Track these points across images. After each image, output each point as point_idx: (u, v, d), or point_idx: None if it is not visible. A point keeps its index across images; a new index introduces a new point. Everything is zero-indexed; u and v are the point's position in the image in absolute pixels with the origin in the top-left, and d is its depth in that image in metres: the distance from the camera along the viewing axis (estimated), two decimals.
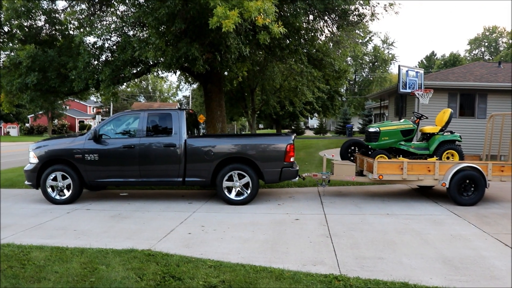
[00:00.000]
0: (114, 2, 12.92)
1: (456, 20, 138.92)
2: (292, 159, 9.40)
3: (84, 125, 74.47)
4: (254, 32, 10.49)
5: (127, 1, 12.34)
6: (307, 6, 11.55)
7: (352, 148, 11.23)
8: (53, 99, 15.00)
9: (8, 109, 15.16)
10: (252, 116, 31.01)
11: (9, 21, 12.12)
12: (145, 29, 12.01)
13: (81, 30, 12.58)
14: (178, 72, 20.26)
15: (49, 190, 9.50)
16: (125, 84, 15.69)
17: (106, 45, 12.89)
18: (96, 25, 12.31)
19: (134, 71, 13.36)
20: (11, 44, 13.15)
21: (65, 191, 9.53)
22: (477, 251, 6.01)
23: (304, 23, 13.10)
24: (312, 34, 14.03)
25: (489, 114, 11.38)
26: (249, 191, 9.29)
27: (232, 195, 9.32)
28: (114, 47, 12.89)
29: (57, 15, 13.70)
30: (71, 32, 13.92)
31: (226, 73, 16.81)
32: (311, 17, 13.51)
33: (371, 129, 10.19)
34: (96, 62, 12.60)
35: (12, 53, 12.67)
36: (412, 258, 5.71)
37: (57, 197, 9.51)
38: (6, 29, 13.48)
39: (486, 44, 79.46)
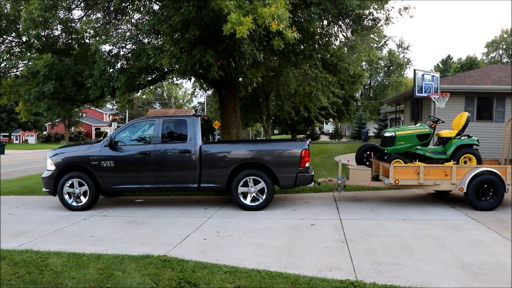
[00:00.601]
0: (129, 11, 13.06)
1: (473, 22, 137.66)
2: (307, 165, 9.37)
3: (100, 132, 75.27)
4: (268, 38, 10.51)
5: (141, 9, 12.49)
6: (321, 11, 11.53)
7: (368, 153, 11.15)
8: (70, 107, 15.18)
9: (26, 118, 15.44)
10: (267, 121, 31.04)
11: (27, 31, 12.32)
12: (159, 36, 12.11)
13: (97, 38, 12.76)
14: (193, 79, 20.38)
15: (66, 196, 9.60)
16: (140, 91, 15.85)
17: (121, 53, 13.04)
18: (111, 33, 12.46)
19: (149, 78, 13.48)
20: (28, 54, 13.36)
21: (82, 197, 9.62)
22: (496, 256, 5.91)
23: (318, 28, 13.08)
24: (326, 39, 14.00)
25: (508, 118, 11.20)
26: (264, 197, 9.27)
27: (247, 201, 9.31)
28: (129, 54, 13.03)
29: (73, 24, 13.89)
30: (87, 40, 14.12)
31: (240, 79, 16.86)
32: (325, 22, 13.48)
33: (387, 134, 10.11)
34: (111, 70, 12.74)
35: (29, 62, 12.87)
36: (429, 263, 5.64)
37: (74, 203, 9.61)
38: (24, 39, 13.72)
39: (504, 46, 78.40)
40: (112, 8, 12.90)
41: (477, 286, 4.84)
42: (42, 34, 13.00)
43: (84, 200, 9.61)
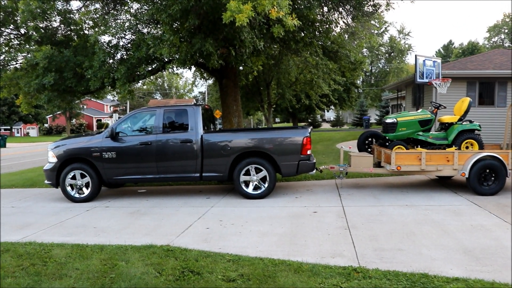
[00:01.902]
0: (128, 1, 12.98)
1: (474, 7, 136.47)
2: (309, 152, 9.37)
3: (102, 124, 75.31)
4: (268, 25, 10.43)
5: None
6: None
7: (369, 139, 11.13)
8: (70, 99, 15.18)
9: (27, 110, 15.43)
10: (268, 110, 30.98)
11: (25, 23, 12.27)
12: (159, 26, 12.05)
13: (96, 29, 12.71)
14: (193, 68, 20.29)
15: (69, 188, 9.62)
16: (140, 81, 15.79)
17: (121, 43, 12.99)
18: (110, 24, 12.40)
19: (149, 69, 13.43)
20: (27, 46, 13.32)
21: (84, 189, 9.64)
22: (499, 241, 5.91)
23: (318, 15, 12.98)
24: (327, 26, 13.90)
25: (510, 103, 11.16)
26: (266, 185, 9.28)
27: (250, 189, 9.32)
28: (129, 45, 12.97)
29: (71, 15, 13.83)
30: (86, 31, 14.06)
31: (241, 67, 16.80)
32: (325, 8, 13.38)
33: (388, 120, 10.08)
34: (111, 61, 12.69)
35: (29, 54, 12.84)
36: (432, 249, 5.65)
37: (76, 195, 9.64)
38: (22, 31, 13.68)
39: (506, 31, 77.84)
40: None
41: (479, 270, 4.85)
42: (41, 25, 12.95)
43: (86, 191, 9.64)
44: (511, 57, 19.64)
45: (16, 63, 14.24)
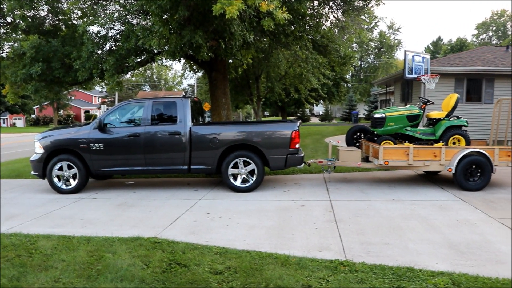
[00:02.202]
0: None
1: (463, 4, 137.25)
2: (297, 146, 9.39)
3: (90, 115, 74.71)
4: (258, 18, 10.40)
5: None
6: None
7: (358, 134, 11.18)
8: (58, 89, 14.99)
9: (13, 100, 15.23)
10: (258, 103, 30.93)
11: (12, 11, 12.08)
12: (148, 17, 11.94)
13: (85, 19, 12.56)
14: (183, 60, 20.19)
15: (55, 180, 9.54)
16: (129, 73, 15.69)
17: (110, 34, 12.85)
18: (99, 14, 12.28)
19: (138, 60, 13.34)
20: (14, 35, 13.14)
21: (71, 180, 9.57)
22: (483, 236, 5.99)
23: (308, 9, 12.97)
24: (317, 20, 13.91)
25: (496, 99, 11.28)
26: (254, 178, 9.29)
27: (238, 182, 9.32)
28: (118, 36, 12.85)
29: (60, 4, 13.64)
30: (74, 21, 13.89)
31: (230, 60, 16.75)
32: (315, 2, 13.39)
33: (377, 115, 10.13)
34: (100, 52, 12.57)
35: (15, 44, 12.68)
36: (418, 243, 5.70)
37: (63, 186, 9.56)
38: (9, 19, 13.47)
39: (494, 28, 78.49)
40: None
41: (463, 264, 4.91)
42: (28, 14, 12.77)
43: (73, 183, 9.56)
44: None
45: (2, 52, 14.04)
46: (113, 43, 12.97)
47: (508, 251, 5.36)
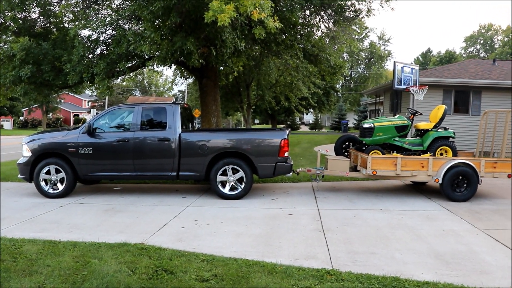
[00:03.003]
0: None
1: (453, 17, 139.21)
2: (286, 154, 9.41)
3: (79, 119, 74.19)
4: (250, 26, 10.46)
5: None
6: (303, 1, 11.52)
7: (347, 143, 11.24)
8: (47, 92, 14.92)
9: (2, 102, 15.13)
10: (248, 111, 30.99)
11: (3, 12, 12.02)
12: (140, 22, 11.93)
13: (76, 23, 12.50)
14: (174, 66, 20.21)
15: (42, 183, 9.46)
16: (120, 78, 15.62)
17: (101, 38, 12.81)
18: (91, 18, 12.23)
19: (129, 65, 13.29)
20: (4, 36, 13.05)
21: (59, 184, 9.49)
22: (469, 246, 6.05)
23: (300, 18, 13.06)
24: (308, 29, 14.01)
25: (483, 111, 11.42)
26: (243, 186, 9.29)
27: (226, 190, 9.31)
28: (109, 40, 12.82)
29: (51, 7, 13.59)
30: (65, 25, 13.82)
31: (221, 67, 16.78)
32: (307, 12, 13.47)
33: (366, 125, 10.20)
34: (91, 56, 12.51)
35: (5, 45, 12.58)
36: (404, 253, 5.74)
37: (51, 190, 9.48)
38: None
39: (482, 41, 79.58)
40: None
41: (448, 274, 4.95)
42: (19, 16, 12.70)
43: (61, 187, 9.49)
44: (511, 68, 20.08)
45: None
46: (104, 47, 12.93)
47: (493, 261, 5.41)
